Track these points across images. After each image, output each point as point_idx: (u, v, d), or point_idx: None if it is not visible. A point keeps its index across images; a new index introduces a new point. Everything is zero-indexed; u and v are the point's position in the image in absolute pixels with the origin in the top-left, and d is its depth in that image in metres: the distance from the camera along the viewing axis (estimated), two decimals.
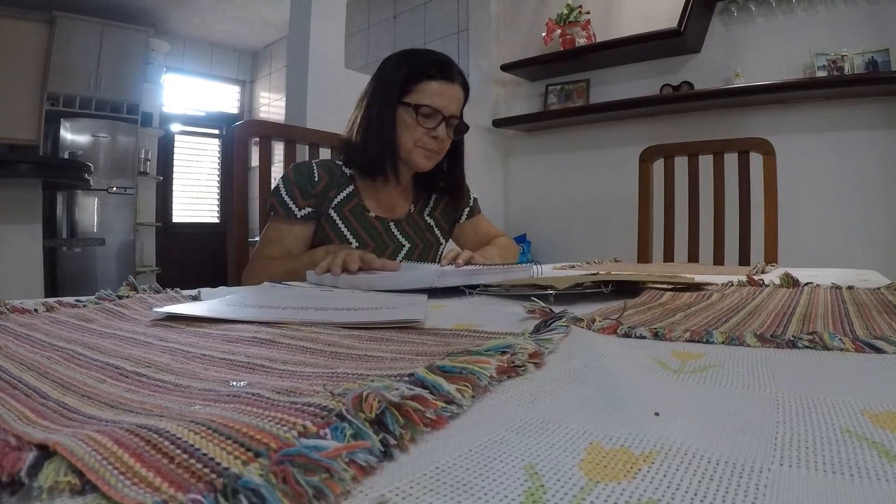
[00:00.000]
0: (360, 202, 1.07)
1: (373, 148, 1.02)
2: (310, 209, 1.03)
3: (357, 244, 1.05)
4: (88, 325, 0.42)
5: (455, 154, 1.11)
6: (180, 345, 0.35)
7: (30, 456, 0.16)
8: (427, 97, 1.00)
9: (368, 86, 1.07)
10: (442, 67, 1.02)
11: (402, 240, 1.10)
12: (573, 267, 1.11)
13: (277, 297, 0.59)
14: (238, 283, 1.16)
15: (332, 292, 0.66)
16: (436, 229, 1.18)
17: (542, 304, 0.47)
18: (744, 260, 1.43)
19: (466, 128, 1.07)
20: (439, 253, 1.20)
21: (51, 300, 0.52)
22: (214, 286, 0.74)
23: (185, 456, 0.16)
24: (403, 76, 1.01)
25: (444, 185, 1.15)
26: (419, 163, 1.05)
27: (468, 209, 1.22)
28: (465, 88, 1.06)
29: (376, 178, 1.05)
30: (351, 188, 1.07)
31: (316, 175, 1.04)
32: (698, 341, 0.36)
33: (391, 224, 1.10)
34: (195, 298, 0.60)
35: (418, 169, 1.07)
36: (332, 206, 1.05)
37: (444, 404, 0.22)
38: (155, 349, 0.34)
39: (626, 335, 0.39)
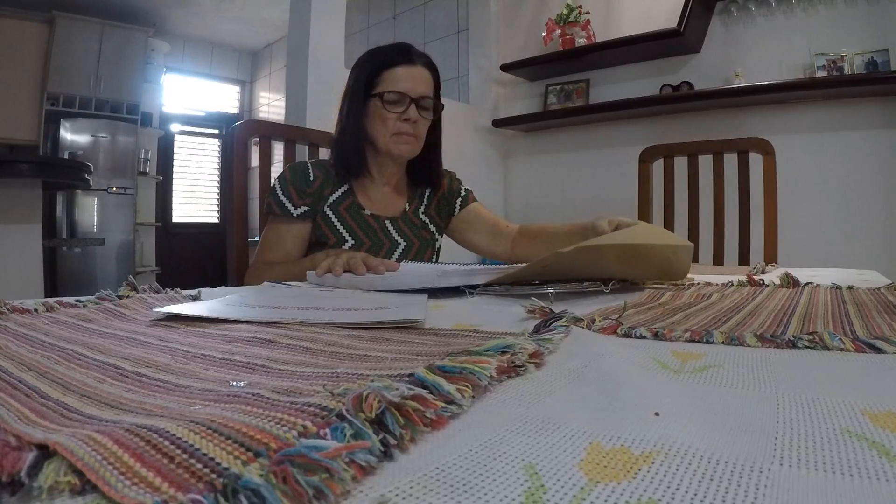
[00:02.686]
0: (356, 200, 1.08)
1: (347, 144, 1.06)
2: (306, 207, 1.04)
3: (353, 242, 1.06)
4: (88, 325, 0.42)
5: (430, 138, 1.12)
6: (180, 345, 0.35)
7: (30, 456, 0.16)
8: (392, 83, 1.03)
9: (343, 91, 1.10)
10: (401, 53, 1.05)
11: (397, 238, 1.11)
12: None
13: (277, 297, 0.59)
14: (238, 283, 1.16)
15: (333, 292, 0.66)
16: (430, 226, 1.18)
17: (543, 304, 0.47)
18: (743, 260, 1.43)
19: (441, 106, 1.09)
20: (435, 250, 1.20)
21: (51, 300, 0.52)
22: (214, 286, 0.74)
23: (185, 456, 0.16)
24: (368, 71, 1.05)
25: (421, 171, 1.15)
26: (399, 150, 1.06)
27: (460, 199, 1.22)
28: (430, 68, 1.08)
29: (356, 174, 1.08)
30: (346, 186, 1.09)
31: (311, 174, 1.05)
32: (698, 341, 0.36)
33: (386, 222, 1.10)
34: (195, 298, 0.60)
35: (399, 157, 1.08)
36: (328, 204, 1.06)
37: (444, 404, 0.22)
38: (155, 349, 0.34)
39: (626, 335, 0.39)
